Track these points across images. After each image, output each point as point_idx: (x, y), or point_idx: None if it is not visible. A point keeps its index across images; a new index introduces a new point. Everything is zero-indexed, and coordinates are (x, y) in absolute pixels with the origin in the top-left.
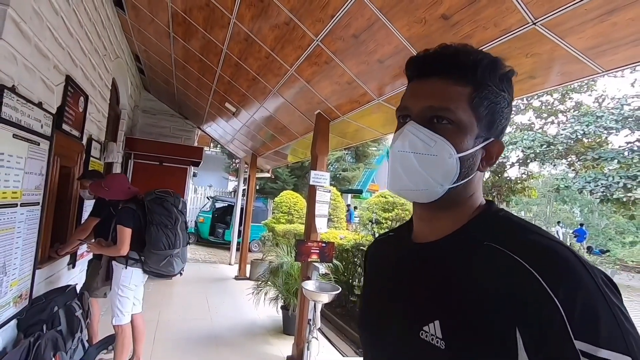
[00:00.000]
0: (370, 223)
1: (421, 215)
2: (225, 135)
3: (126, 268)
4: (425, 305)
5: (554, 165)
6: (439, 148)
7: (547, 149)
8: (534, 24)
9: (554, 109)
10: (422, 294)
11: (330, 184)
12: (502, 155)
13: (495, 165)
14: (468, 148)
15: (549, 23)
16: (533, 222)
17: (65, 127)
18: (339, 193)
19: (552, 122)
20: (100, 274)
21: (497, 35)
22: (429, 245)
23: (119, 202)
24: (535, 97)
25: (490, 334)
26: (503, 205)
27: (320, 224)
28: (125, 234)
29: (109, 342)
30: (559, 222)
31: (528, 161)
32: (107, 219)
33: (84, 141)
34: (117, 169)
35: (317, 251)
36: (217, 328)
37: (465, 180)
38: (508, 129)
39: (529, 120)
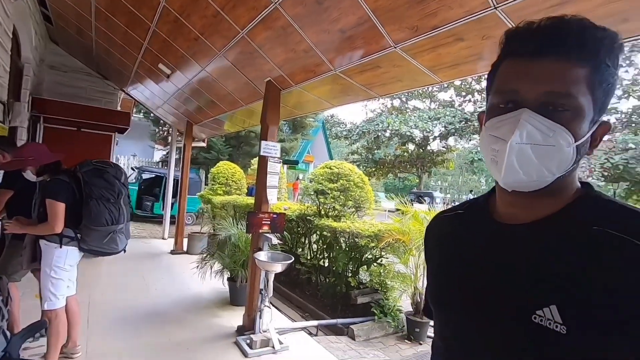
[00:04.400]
0: (315, 194)
1: (513, 201)
2: (154, 98)
3: (61, 247)
4: (535, 288)
5: (469, 140)
6: (557, 137)
7: (465, 125)
8: (495, 8)
9: (472, 88)
10: (530, 275)
11: None
12: (427, 130)
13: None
14: (584, 134)
15: (509, 9)
16: (450, 190)
17: None
18: None
19: (470, 101)
20: (25, 256)
21: (461, 16)
22: (527, 226)
23: (45, 173)
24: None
25: (620, 320)
26: (425, 176)
27: (272, 195)
28: (58, 209)
29: (36, 329)
30: (471, 191)
31: (448, 136)
32: (24, 192)
33: None
34: (23, 134)
35: (269, 222)
36: (158, 305)
37: (573, 166)
38: (433, 105)
39: (450, 97)
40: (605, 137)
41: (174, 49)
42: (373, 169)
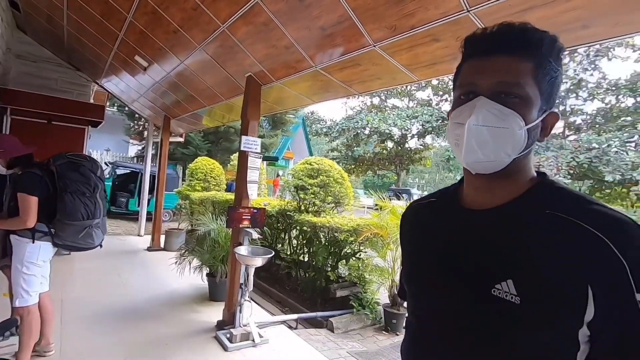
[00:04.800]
0: (295, 189)
1: (479, 185)
2: (129, 91)
3: (33, 242)
4: (495, 265)
5: (446, 138)
6: (510, 121)
7: (442, 123)
8: (468, 11)
9: (448, 88)
10: (490, 255)
11: None
12: (406, 128)
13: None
14: (533, 120)
15: (481, 12)
16: (427, 187)
17: None
18: None
19: (446, 100)
20: None
21: (437, 17)
22: (489, 212)
23: (17, 166)
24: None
25: (564, 290)
26: (403, 173)
27: (252, 190)
28: (31, 203)
29: (6, 327)
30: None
31: (426, 134)
32: None
33: None
34: None
35: (249, 217)
36: (135, 302)
37: (527, 150)
38: (411, 104)
39: (428, 96)
40: (572, 137)
41: (152, 41)
42: (352, 166)
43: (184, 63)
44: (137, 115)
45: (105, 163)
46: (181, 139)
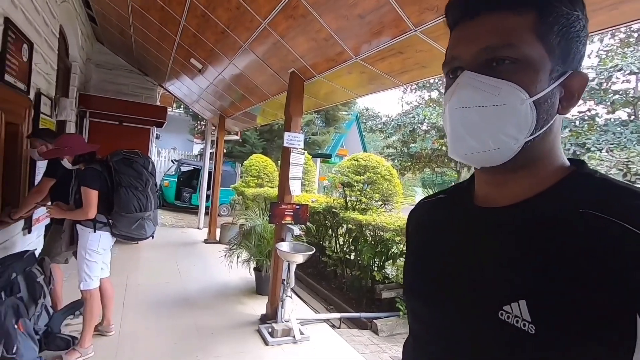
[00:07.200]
0: (341, 186)
1: (489, 180)
2: (191, 94)
3: (94, 232)
4: (505, 280)
5: None
6: (505, 95)
7: None
8: None
9: None
10: (500, 267)
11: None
12: None
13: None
14: (543, 88)
15: None
16: None
17: (8, 77)
18: (309, 157)
19: None
20: (64, 239)
21: None
22: (504, 211)
23: (80, 162)
24: None
25: (598, 319)
26: (464, 171)
27: (294, 186)
28: (92, 196)
29: (76, 307)
30: None
31: None
32: (64, 180)
33: (32, 95)
34: (71, 128)
35: (291, 213)
36: (189, 290)
37: (543, 129)
38: None
39: None
40: None
41: (203, 44)
42: (409, 163)
43: (232, 63)
44: (200, 116)
45: (172, 160)
46: (237, 137)
